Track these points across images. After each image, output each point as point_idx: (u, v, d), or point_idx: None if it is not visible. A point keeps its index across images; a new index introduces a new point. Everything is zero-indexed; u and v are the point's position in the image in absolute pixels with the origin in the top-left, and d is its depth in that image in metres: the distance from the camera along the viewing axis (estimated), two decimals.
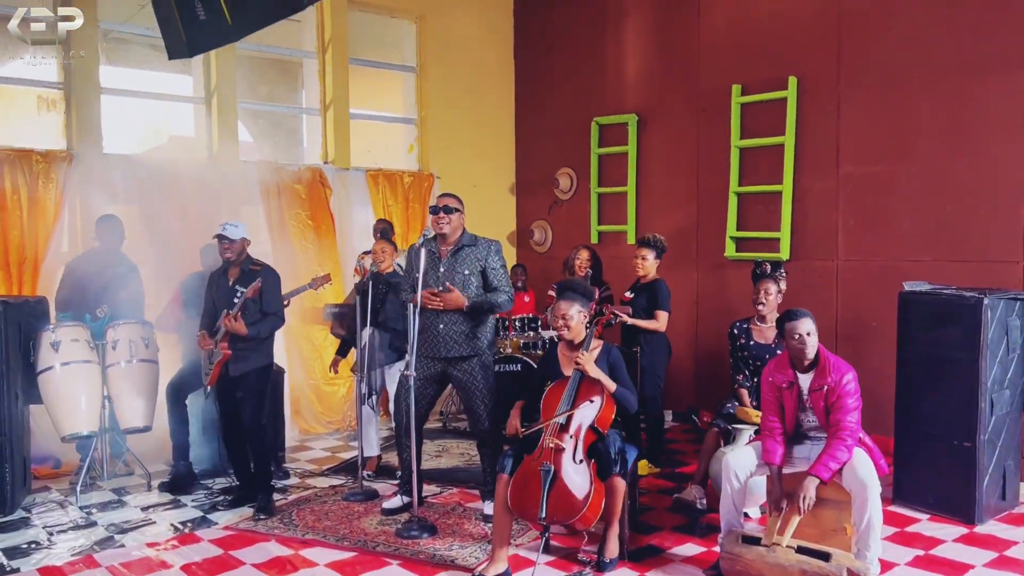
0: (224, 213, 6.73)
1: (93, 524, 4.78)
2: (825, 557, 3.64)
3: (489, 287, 4.73)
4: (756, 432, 4.85)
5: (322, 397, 7.14)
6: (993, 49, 5.49)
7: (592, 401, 4.03)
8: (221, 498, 5.21)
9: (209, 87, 7.00)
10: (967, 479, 4.67)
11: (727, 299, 7.01)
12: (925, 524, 4.65)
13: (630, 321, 5.51)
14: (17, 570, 4.10)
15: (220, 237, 4.88)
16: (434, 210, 4.72)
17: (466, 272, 4.70)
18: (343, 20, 7.62)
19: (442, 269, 4.69)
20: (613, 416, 4.08)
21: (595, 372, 4.06)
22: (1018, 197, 5.41)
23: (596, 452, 3.96)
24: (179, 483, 5.42)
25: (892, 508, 4.81)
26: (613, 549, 4.05)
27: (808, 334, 3.91)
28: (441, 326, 4.66)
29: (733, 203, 6.91)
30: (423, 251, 4.54)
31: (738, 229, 6.91)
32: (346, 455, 6.34)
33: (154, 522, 4.81)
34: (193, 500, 5.22)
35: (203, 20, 3.24)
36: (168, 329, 5.80)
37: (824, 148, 6.37)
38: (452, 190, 7.98)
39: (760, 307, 5.08)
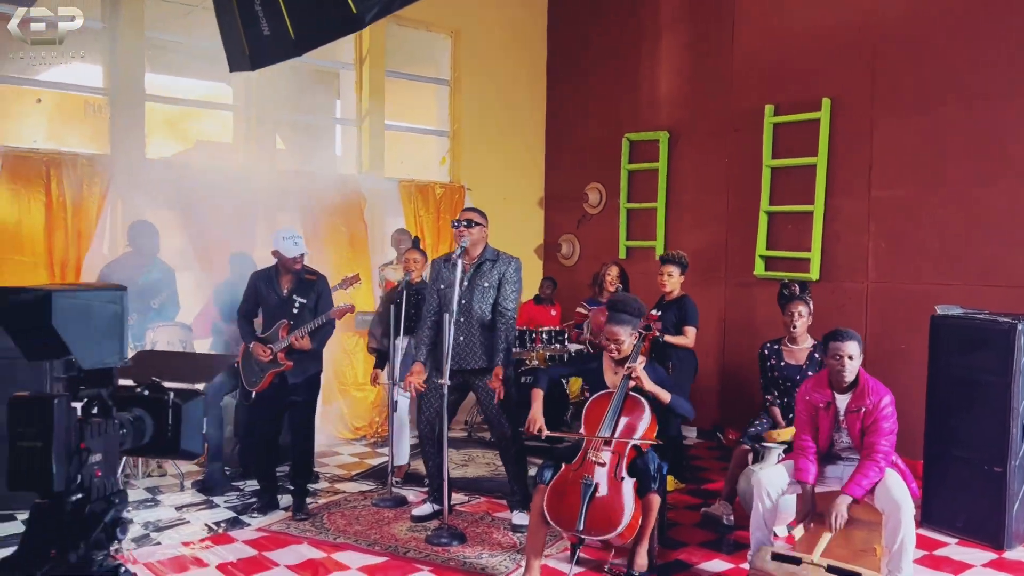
0: (261, 220, 6.88)
1: (130, 522, 4.85)
2: None
3: (497, 298, 4.79)
4: (785, 450, 4.88)
5: (351, 404, 7.22)
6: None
7: (638, 418, 4.07)
8: (254, 500, 5.28)
9: (249, 96, 7.13)
10: (997, 504, 4.67)
11: (754, 317, 7.03)
12: (953, 548, 4.64)
13: (664, 338, 5.55)
14: None
15: (303, 255, 5.01)
16: (456, 224, 4.80)
17: (486, 285, 4.78)
18: (381, 33, 7.75)
19: (465, 283, 4.77)
20: (655, 435, 4.12)
21: (650, 385, 4.10)
22: None
23: (636, 469, 4.00)
24: (212, 484, 5.51)
25: (920, 531, 4.80)
26: (642, 563, 4.07)
27: (850, 357, 3.94)
28: (461, 338, 4.74)
29: (763, 222, 6.95)
30: (459, 263, 4.63)
31: (768, 248, 6.94)
32: (373, 461, 6.41)
33: (188, 521, 4.90)
34: (226, 501, 5.30)
35: (267, 35, 3.34)
36: (204, 332, 5.91)
37: (856, 170, 6.40)
38: (482, 202, 8.11)
39: (794, 329, 5.10)
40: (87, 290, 1.72)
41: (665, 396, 4.12)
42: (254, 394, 5.17)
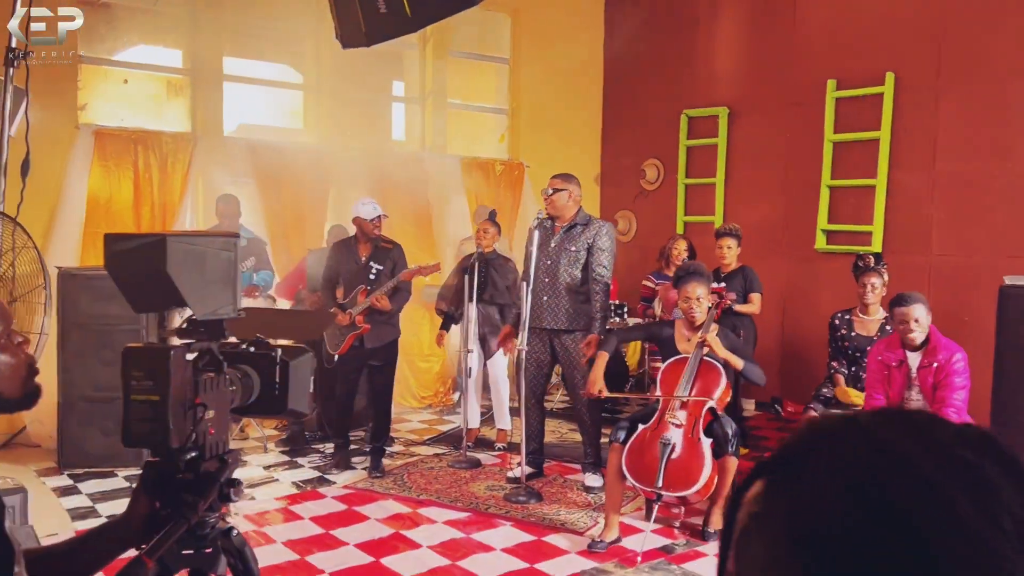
0: (332, 195, 7.13)
1: (240, 483, 5.15)
2: None
3: (588, 263, 4.97)
4: None
5: (417, 374, 7.47)
6: None
7: (714, 383, 4.24)
8: (328, 463, 5.53)
9: (320, 77, 7.36)
10: None
11: (815, 291, 7.11)
12: None
13: (735, 307, 5.70)
14: None
15: (380, 217, 5.28)
16: (545, 192, 5.02)
17: (573, 250, 4.96)
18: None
19: (552, 245, 4.97)
20: (729, 399, 4.29)
21: (723, 352, 4.26)
22: None
23: (712, 432, 4.17)
24: (294, 443, 5.80)
25: None
26: (717, 522, 4.25)
27: (916, 320, 4.06)
28: (545, 298, 4.94)
29: (825, 196, 7.01)
30: (536, 231, 4.83)
31: (829, 222, 7.01)
32: (443, 428, 6.65)
33: (277, 480, 5.18)
34: (309, 462, 5.58)
35: (384, 13, 3.52)
36: (288, 296, 6.22)
37: (920, 144, 6.43)
38: (539, 180, 8.26)
39: (867, 298, 5.20)
40: (201, 235, 1.57)
41: (738, 362, 4.28)
42: (336, 357, 5.42)
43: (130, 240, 1.54)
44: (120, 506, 3.86)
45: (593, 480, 5.05)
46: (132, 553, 1.42)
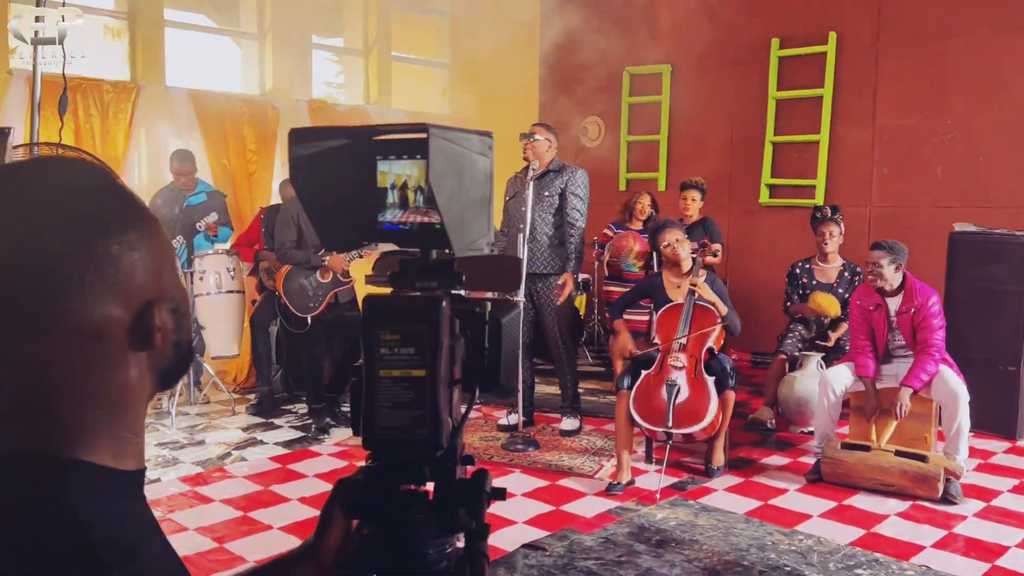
0: (280, 150, 6.86)
1: (202, 442, 4.95)
2: (923, 459, 4.09)
3: (563, 207, 5.06)
4: (823, 358, 5.30)
5: None
6: None
7: (709, 324, 4.39)
8: (311, 421, 5.39)
9: (263, 26, 7.02)
10: (1010, 400, 5.20)
11: (758, 244, 7.42)
12: (973, 440, 5.14)
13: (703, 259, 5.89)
14: (158, 479, 4.28)
15: None
16: (522, 137, 5.03)
17: (546, 195, 5.03)
18: None
19: (527, 191, 4.98)
20: (723, 338, 4.45)
21: (710, 295, 4.41)
22: None
23: (711, 369, 4.32)
24: (265, 406, 5.61)
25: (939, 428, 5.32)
26: (719, 458, 4.43)
27: (878, 264, 4.30)
28: (519, 295, 4.96)
29: (768, 152, 7.30)
30: (528, 179, 4.85)
31: (772, 176, 7.30)
32: None
33: (263, 441, 5.01)
34: (286, 422, 5.42)
35: None
36: (244, 259, 5.95)
37: (861, 100, 6.78)
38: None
39: (826, 246, 5.48)
40: (455, 130, 1.05)
41: (723, 308, 4.45)
42: (310, 320, 5.26)
43: (340, 136, 1.05)
44: None
45: (570, 424, 5.16)
46: None
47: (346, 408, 5.41)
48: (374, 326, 0.98)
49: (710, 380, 4.27)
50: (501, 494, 1.06)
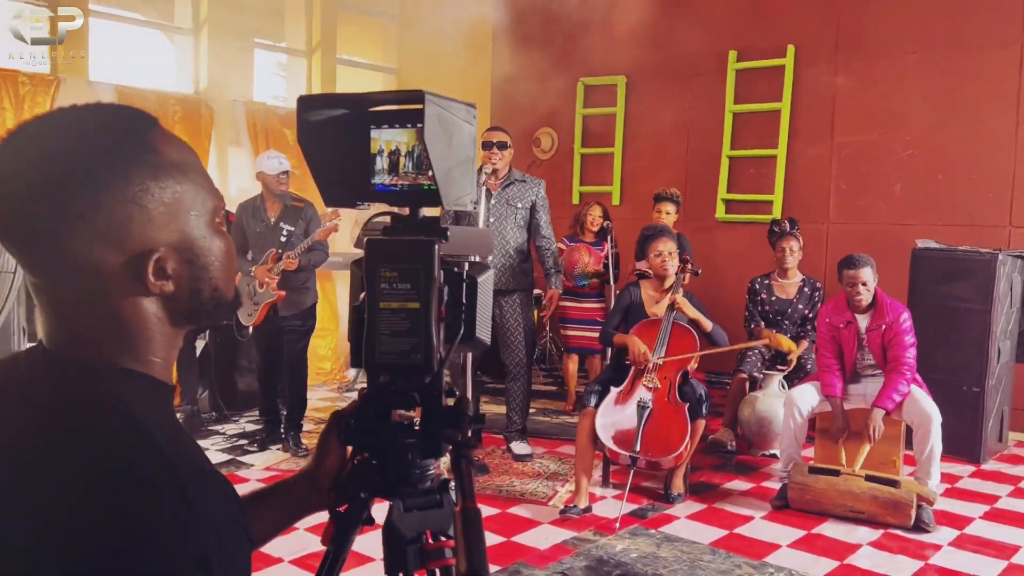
0: (215, 152, 6.46)
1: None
2: (895, 484, 3.87)
3: (536, 223, 4.81)
4: (785, 378, 5.08)
5: (311, 349, 6.92)
6: (985, 26, 5.88)
7: (687, 345, 4.12)
8: (243, 442, 5.01)
9: (198, 20, 6.62)
10: (974, 421, 5.04)
11: (715, 260, 7.20)
12: None
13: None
14: None
15: (287, 173, 4.78)
16: (487, 145, 4.70)
17: (519, 206, 4.74)
18: None
19: (492, 202, 4.69)
20: (697, 361, 4.19)
21: (693, 312, 4.15)
22: (1005, 165, 5.83)
23: (684, 395, 4.04)
24: (189, 426, 5.16)
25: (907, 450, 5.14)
26: (680, 483, 4.15)
27: (864, 283, 4.11)
28: (491, 258, 4.65)
29: (725, 166, 7.13)
30: (483, 188, 4.51)
31: (729, 191, 7.13)
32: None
33: None
34: (213, 443, 4.99)
35: None
36: None
37: (819, 115, 6.65)
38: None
39: (785, 262, 5.30)
40: (445, 98, 1.22)
41: (707, 324, 4.20)
42: (250, 329, 4.91)
43: (332, 101, 1.24)
44: None
45: (522, 448, 4.83)
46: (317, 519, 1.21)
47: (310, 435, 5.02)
48: (376, 264, 1.15)
49: (685, 407, 4.00)
50: (481, 419, 1.19)
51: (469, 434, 1.15)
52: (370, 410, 1.16)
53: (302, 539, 3.08)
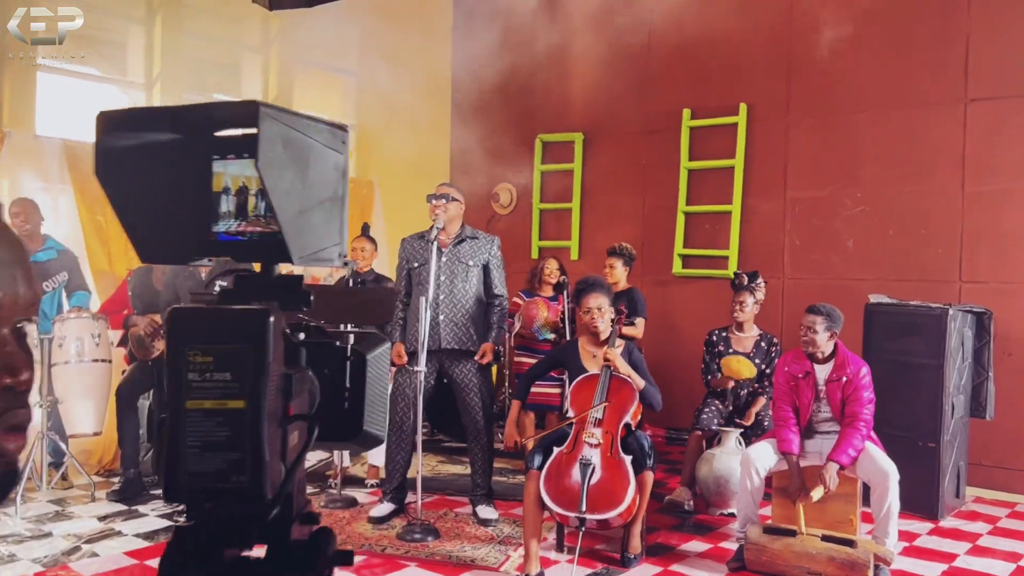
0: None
1: (48, 535, 4.27)
2: (851, 544, 3.79)
3: (489, 282, 4.72)
4: (742, 434, 5.02)
5: None
6: (932, 86, 6.02)
7: (626, 398, 4.05)
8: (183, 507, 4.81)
9: (151, 76, 6.56)
10: (931, 477, 5.01)
11: (672, 315, 7.21)
12: None
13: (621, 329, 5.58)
14: None
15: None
16: (432, 198, 4.65)
17: (470, 264, 4.66)
18: (291, 20, 7.36)
19: (444, 259, 4.62)
20: (640, 413, 4.11)
21: (625, 368, 4.08)
22: (954, 221, 5.91)
23: (628, 448, 3.96)
24: (130, 492, 4.96)
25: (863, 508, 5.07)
26: (636, 544, 4.04)
27: (812, 329, 4.09)
28: (441, 317, 4.56)
29: (681, 222, 7.16)
30: (433, 245, 4.46)
31: (686, 247, 7.15)
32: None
33: (120, 532, 4.36)
34: (153, 510, 4.77)
35: None
36: (114, 324, 5.34)
37: (772, 172, 6.73)
38: (389, 198, 7.87)
39: (737, 316, 5.29)
40: (301, 116, 0.93)
41: (639, 382, 4.12)
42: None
43: (149, 119, 0.91)
44: None
45: (487, 512, 4.69)
46: None
47: None
48: (181, 345, 0.83)
49: (627, 459, 3.90)
50: (347, 558, 0.97)
51: None
52: (189, 549, 0.87)
53: None
